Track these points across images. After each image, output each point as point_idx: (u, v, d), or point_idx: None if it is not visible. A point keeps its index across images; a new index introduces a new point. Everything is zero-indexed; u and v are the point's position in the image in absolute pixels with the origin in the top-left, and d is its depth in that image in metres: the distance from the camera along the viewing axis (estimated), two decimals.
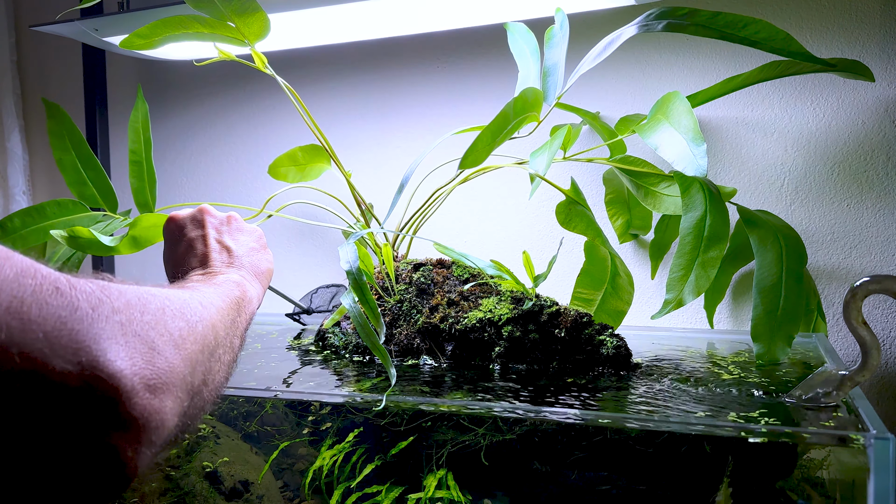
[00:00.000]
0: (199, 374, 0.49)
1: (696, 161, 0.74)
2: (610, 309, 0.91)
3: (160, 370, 0.43)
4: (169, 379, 0.44)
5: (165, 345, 0.45)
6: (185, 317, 0.50)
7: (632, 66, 1.11)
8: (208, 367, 0.52)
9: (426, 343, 0.88)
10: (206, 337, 0.52)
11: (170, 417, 0.43)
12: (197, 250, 0.74)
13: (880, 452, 0.53)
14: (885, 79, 0.99)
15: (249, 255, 0.77)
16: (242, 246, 0.77)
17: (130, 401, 0.40)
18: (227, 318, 0.59)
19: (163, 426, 0.42)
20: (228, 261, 0.74)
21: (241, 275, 0.72)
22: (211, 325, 0.54)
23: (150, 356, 0.43)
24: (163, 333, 0.46)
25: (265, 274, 0.78)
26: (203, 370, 0.50)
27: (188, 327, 0.49)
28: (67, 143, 1.12)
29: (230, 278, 0.69)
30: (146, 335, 0.44)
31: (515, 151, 1.01)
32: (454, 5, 1.05)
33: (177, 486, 0.92)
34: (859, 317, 0.61)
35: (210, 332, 0.53)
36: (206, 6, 0.88)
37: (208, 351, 0.52)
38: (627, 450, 0.75)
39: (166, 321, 0.47)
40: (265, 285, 0.77)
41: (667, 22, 0.77)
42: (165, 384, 0.43)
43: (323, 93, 1.31)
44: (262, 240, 0.82)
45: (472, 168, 0.86)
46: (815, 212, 1.04)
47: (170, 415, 0.43)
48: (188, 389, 0.47)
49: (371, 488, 0.83)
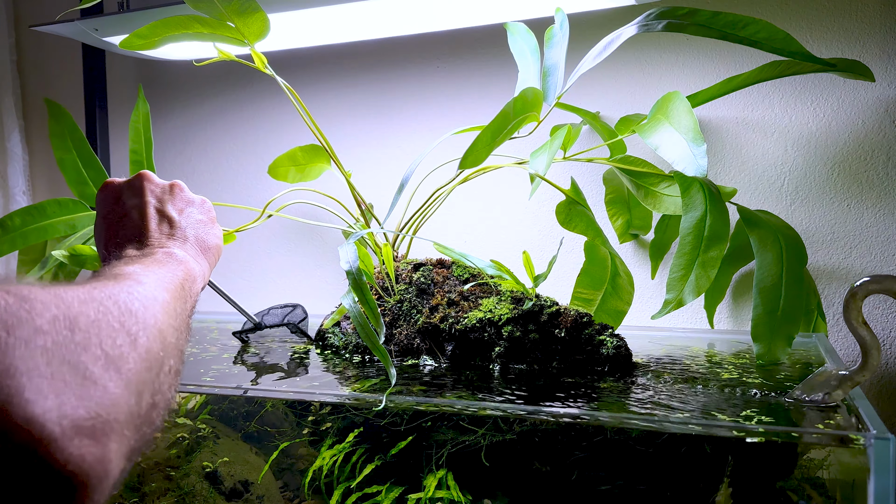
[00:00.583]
0: (147, 398, 0.40)
1: (696, 161, 0.74)
2: (610, 309, 0.91)
3: (98, 406, 0.34)
4: (110, 415, 0.35)
5: (103, 370, 0.36)
6: (126, 327, 0.40)
7: (632, 66, 1.11)
8: (156, 385, 0.42)
9: (426, 343, 0.88)
10: (151, 349, 0.42)
11: (115, 463, 0.35)
12: (133, 221, 0.66)
13: (880, 452, 0.53)
14: (885, 79, 0.99)
15: (195, 227, 0.69)
16: (187, 217, 0.70)
17: (61, 453, 0.31)
18: (173, 313, 0.49)
19: (107, 476, 0.34)
20: (169, 232, 0.66)
21: (185, 249, 0.64)
22: (158, 332, 0.44)
23: (84, 389, 0.34)
24: (99, 356, 0.36)
25: (213, 250, 0.70)
26: (151, 391, 0.41)
27: (130, 341, 0.40)
28: (69, 143, 1.12)
29: (171, 254, 0.61)
30: (77, 361, 0.34)
31: (515, 151, 1.01)
32: (454, 5, 1.05)
33: (177, 486, 0.92)
34: (859, 317, 0.61)
35: (156, 340, 0.43)
36: (206, 6, 0.88)
37: (156, 366, 0.42)
38: (627, 450, 0.75)
39: (102, 338, 0.37)
40: (212, 263, 0.70)
41: (667, 22, 0.77)
42: (106, 423, 0.34)
43: (323, 93, 1.31)
44: (210, 212, 0.74)
45: (472, 168, 0.86)
46: (815, 212, 1.04)
47: (115, 460, 0.35)
48: (135, 421, 0.38)
49: (371, 488, 0.83)
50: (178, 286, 0.55)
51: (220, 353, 0.98)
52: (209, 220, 0.72)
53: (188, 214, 0.70)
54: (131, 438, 0.37)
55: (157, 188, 0.70)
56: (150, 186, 0.69)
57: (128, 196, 0.68)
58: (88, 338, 0.36)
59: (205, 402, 0.99)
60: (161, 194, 0.70)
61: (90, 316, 0.38)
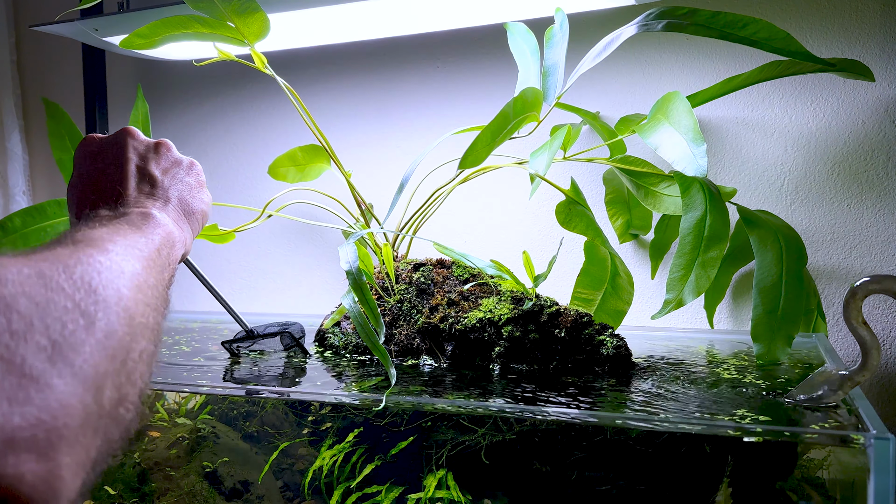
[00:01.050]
0: (111, 392, 0.33)
1: (696, 161, 0.74)
2: (610, 309, 0.91)
3: (41, 410, 0.28)
4: (58, 420, 0.29)
5: (48, 363, 0.29)
6: (82, 307, 0.33)
7: (632, 66, 1.11)
8: (123, 375, 0.35)
9: (426, 343, 0.88)
10: (114, 332, 0.35)
11: (69, 479, 0.29)
12: (110, 178, 0.60)
13: (880, 452, 0.53)
14: (885, 79, 0.99)
15: (179, 188, 0.63)
16: (172, 177, 0.63)
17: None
18: (145, 286, 0.41)
19: (58, 496, 0.28)
20: (150, 192, 0.60)
21: (166, 212, 0.58)
22: (123, 311, 0.36)
23: (22, 390, 0.27)
24: (43, 346, 0.30)
25: (197, 215, 0.64)
26: (115, 383, 0.34)
27: (86, 325, 0.33)
28: (67, 143, 1.12)
29: (149, 214, 0.54)
30: (13, 355, 0.28)
31: (515, 151, 1.01)
32: (454, 5, 1.05)
33: (177, 486, 0.92)
34: (859, 317, 0.61)
35: (122, 321, 0.36)
36: (206, 6, 0.88)
37: (121, 352, 0.35)
38: (627, 450, 0.75)
39: (49, 323, 0.31)
40: (196, 230, 0.64)
41: (667, 22, 0.77)
42: (53, 430, 0.28)
43: (323, 93, 1.31)
44: (199, 175, 0.68)
45: (471, 168, 0.86)
46: (815, 212, 1.04)
47: (69, 475, 0.29)
48: (95, 422, 0.32)
49: (371, 488, 0.83)
50: (154, 253, 0.48)
51: (220, 355, 0.98)
52: (197, 184, 0.66)
53: (173, 175, 0.64)
54: (91, 444, 0.31)
55: (140, 145, 0.64)
56: (133, 143, 0.64)
57: (108, 152, 0.62)
58: (30, 324, 0.29)
59: (205, 402, 0.99)
60: (145, 152, 0.64)
61: (34, 296, 0.31)
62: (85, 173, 0.62)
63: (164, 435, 0.97)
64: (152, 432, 0.98)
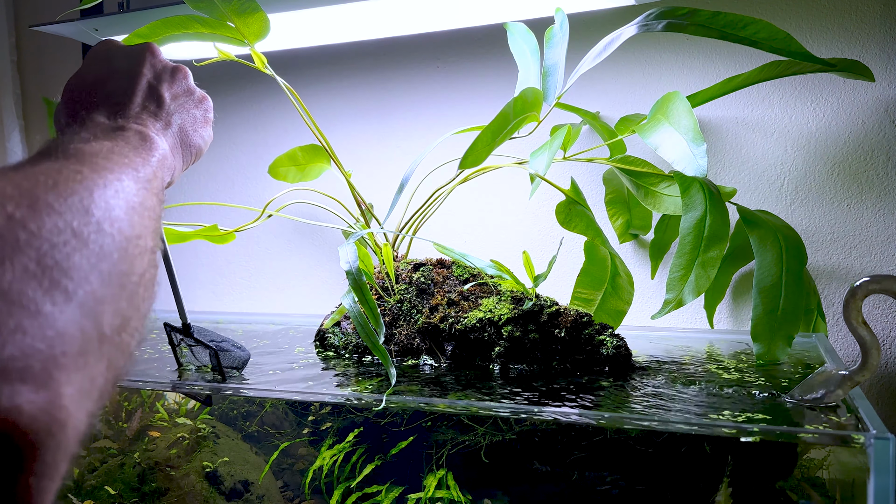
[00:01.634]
0: (111, 318, 0.32)
1: (696, 161, 0.74)
2: (610, 309, 0.91)
3: (37, 338, 0.27)
4: (56, 349, 0.27)
5: (42, 291, 0.28)
6: (77, 229, 0.31)
7: (632, 66, 1.11)
8: (124, 300, 0.34)
9: (426, 343, 0.88)
10: (109, 256, 0.33)
11: (73, 407, 0.28)
12: (117, 85, 0.57)
13: (880, 452, 0.53)
14: (885, 79, 0.99)
15: (184, 116, 0.61)
16: (179, 105, 0.61)
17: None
18: (141, 209, 0.39)
19: (62, 427, 0.27)
20: (154, 111, 0.57)
21: (165, 137, 0.56)
22: (119, 233, 0.35)
23: (14, 319, 0.26)
24: (34, 272, 0.28)
25: (193, 149, 0.62)
26: (115, 309, 0.33)
27: (79, 247, 0.31)
28: None
29: (148, 136, 0.51)
30: (2, 283, 0.26)
31: (515, 151, 1.01)
32: (454, 5, 1.05)
33: (177, 486, 0.92)
34: (859, 317, 0.61)
35: (118, 244, 0.34)
36: (206, 6, 0.88)
37: (120, 277, 0.34)
38: (627, 450, 0.75)
39: (41, 247, 0.29)
40: (186, 164, 0.61)
41: (667, 22, 0.77)
42: (50, 359, 0.27)
43: (323, 93, 1.31)
44: (208, 112, 0.66)
45: (472, 168, 0.86)
46: (815, 212, 1.04)
47: (71, 403, 0.28)
48: (97, 349, 0.30)
49: (371, 488, 0.83)
50: (151, 176, 0.45)
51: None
52: (203, 119, 0.64)
53: (182, 103, 0.61)
54: (95, 372, 0.30)
55: (158, 63, 0.61)
56: (151, 59, 0.61)
57: (122, 59, 0.60)
58: (16, 248, 0.28)
59: None
60: (161, 71, 0.61)
61: (19, 217, 0.29)
62: (91, 74, 0.59)
63: (164, 435, 0.97)
64: (152, 432, 0.98)
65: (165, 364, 0.90)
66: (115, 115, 0.54)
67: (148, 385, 0.84)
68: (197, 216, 1.34)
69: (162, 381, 0.82)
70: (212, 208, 1.36)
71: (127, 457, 0.96)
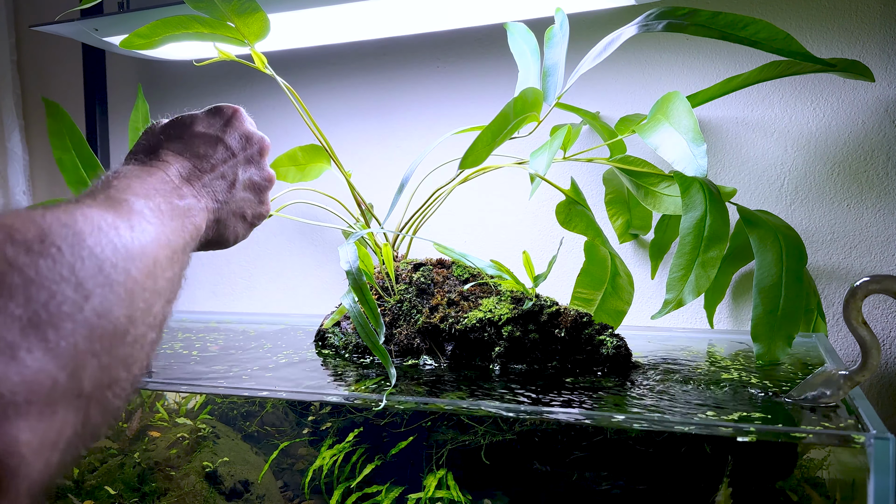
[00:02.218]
0: (93, 372, 0.31)
1: (696, 161, 0.74)
2: (610, 309, 0.91)
3: (3, 383, 0.26)
4: (19, 396, 0.27)
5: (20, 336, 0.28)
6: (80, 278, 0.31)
7: (632, 66, 1.11)
8: (115, 360, 0.33)
9: (426, 343, 0.88)
10: (110, 313, 0.32)
11: (30, 456, 0.27)
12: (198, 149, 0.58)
13: (880, 452, 0.53)
14: (885, 79, 0.99)
15: (240, 203, 0.62)
16: (243, 191, 0.62)
17: None
18: (161, 275, 0.40)
19: (14, 474, 0.26)
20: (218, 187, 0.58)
21: (214, 213, 0.57)
22: (126, 293, 0.34)
23: None
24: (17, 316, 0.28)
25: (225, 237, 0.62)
26: (103, 365, 0.32)
27: (78, 300, 0.31)
28: (67, 143, 1.12)
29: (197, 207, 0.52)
30: None
31: (515, 151, 1.01)
32: (454, 5, 1.05)
33: (177, 486, 0.92)
34: (859, 317, 0.61)
35: (122, 304, 0.34)
36: (206, 6, 0.88)
37: (113, 335, 0.33)
38: (627, 450, 0.75)
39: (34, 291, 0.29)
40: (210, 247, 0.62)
41: (667, 22, 0.77)
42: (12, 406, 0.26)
43: (323, 93, 1.31)
44: (262, 207, 0.67)
45: (472, 168, 0.86)
46: (815, 212, 1.04)
47: (29, 452, 0.27)
48: (69, 402, 0.30)
49: (371, 488, 0.83)
50: (181, 247, 0.46)
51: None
52: (252, 214, 0.65)
53: (245, 189, 0.63)
54: (64, 423, 0.29)
55: (254, 146, 0.64)
56: (249, 149, 0.64)
57: (220, 127, 0.62)
58: (10, 292, 0.28)
59: (205, 402, 0.99)
60: (253, 155, 0.64)
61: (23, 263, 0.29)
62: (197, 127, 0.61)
63: (164, 435, 0.97)
64: (152, 432, 0.98)
65: (165, 364, 0.90)
66: (184, 177, 0.55)
67: (148, 385, 0.84)
68: None
69: (162, 381, 0.82)
70: None
71: (127, 457, 0.96)
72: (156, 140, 0.59)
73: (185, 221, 0.50)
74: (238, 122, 0.65)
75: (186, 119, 0.62)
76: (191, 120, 0.62)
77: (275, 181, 0.68)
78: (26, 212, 0.32)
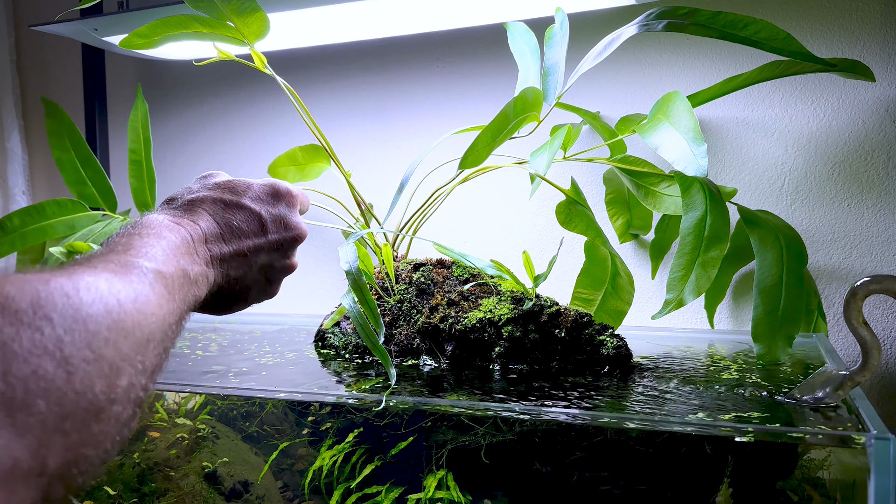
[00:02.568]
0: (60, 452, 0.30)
1: (696, 161, 0.74)
2: (610, 309, 0.91)
3: None
4: None
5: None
6: (63, 352, 0.30)
7: (632, 66, 1.11)
8: (85, 438, 0.31)
9: (426, 343, 0.88)
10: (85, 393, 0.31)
11: None
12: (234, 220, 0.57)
13: (881, 453, 0.53)
14: (886, 79, 0.99)
15: (255, 282, 0.61)
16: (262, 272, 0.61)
17: None
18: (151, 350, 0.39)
19: None
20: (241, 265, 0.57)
21: (229, 286, 0.57)
22: (110, 370, 0.33)
23: None
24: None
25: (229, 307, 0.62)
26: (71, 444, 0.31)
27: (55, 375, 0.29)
28: (67, 143, 1.12)
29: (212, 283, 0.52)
30: None
31: (515, 151, 1.01)
32: (454, 5, 1.05)
33: (177, 486, 0.92)
34: (860, 317, 0.61)
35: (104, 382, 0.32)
36: (206, 6, 0.88)
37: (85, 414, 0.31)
38: (627, 450, 0.75)
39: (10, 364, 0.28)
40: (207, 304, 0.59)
41: (667, 22, 0.77)
42: None
43: (323, 93, 1.31)
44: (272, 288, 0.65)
45: (472, 168, 0.85)
46: (815, 212, 1.04)
47: None
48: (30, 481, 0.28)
49: (371, 488, 0.83)
50: (177, 320, 0.46)
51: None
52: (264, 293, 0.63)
53: (267, 270, 0.61)
54: (24, 497, 0.28)
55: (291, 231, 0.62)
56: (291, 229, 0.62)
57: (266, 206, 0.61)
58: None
59: (205, 402, 0.99)
60: (288, 240, 0.62)
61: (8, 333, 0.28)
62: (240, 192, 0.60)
63: (164, 435, 0.97)
64: (152, 432, 0.98)
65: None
66: (206, 239, 0.53)
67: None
68: None
69: (161, 381, 0.82)
70: None
71: (126, 457, 0.96)
72: (203, 193, 0.59)
73: (190, 292, 0.48)
74: (288, 204, 0.63)
75: (241, 186, 0.61)
76: (245, 188, 0.61)
77: (295, 269, 0.65)
78: (30, 276, 0.31)
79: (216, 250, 0.55)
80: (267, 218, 0.60)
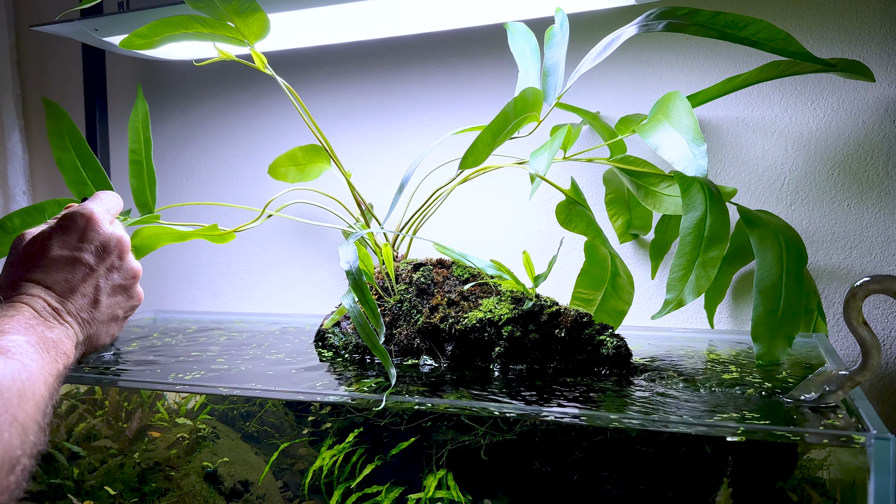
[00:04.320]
0: None
1: (696, 161, 0.74)
2: (610, 309, 0.91)
3: None
4: None
5: None
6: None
7: (632, 66, 1.11)
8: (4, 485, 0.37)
9: (426, 343, 0.88)
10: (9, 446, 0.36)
11: None
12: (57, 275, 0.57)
13: (880, 452, 0.53)
14: (886, 79, 0.99)
15: (105, 324, 0.61)
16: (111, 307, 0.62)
17: None
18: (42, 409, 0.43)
19: None
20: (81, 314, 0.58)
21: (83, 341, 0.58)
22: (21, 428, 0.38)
23: None
24: None
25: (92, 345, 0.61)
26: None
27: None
28: (67, 143, 1.12)
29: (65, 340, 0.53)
30: None
31: (515, 151, 1.01)
32: (454, 5, 1.05)
33: (177, 486, 0.92)
34: (860, 317, 0.61)
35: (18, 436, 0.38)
36: (206, 6, 0.88)
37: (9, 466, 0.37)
38: (627, 450, 0.75)
39: None
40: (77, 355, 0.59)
41: (667, 22, 0.77)
42: None
43: (323, 93, 1.31)
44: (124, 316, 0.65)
45: (472, 168, 0.86)
46: (815, 212, 1.04)
47: None
48: None
49: (371, 488, 0.83)
50: (56, 378, 0.49)
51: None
52: (122, 317, 0.64)
53: (115, 303, 0.63)
54: None
55: (111, 255, 0.62)
56: (110, 252, 0.62)
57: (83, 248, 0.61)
58: None
59: (204, 402, 0.99)
60: (116, 265, 0.63)
61: None
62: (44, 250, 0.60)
63: (164, 435, 0.97)
64: (152, 432, 0.98)
65: (164, 364, 0.90)
66: (50, 308, 0.55)
67: (147, 385, 0.84)
68: (197, 216, 1.34)
69: (161, 381, 0.82)
70: (212, 208, 1.36)
71: (127, 457, 0.96)
72: (15, 272, 0.59)
73: (57, 352, 0.52)
74: (93, 231, 0.62)
75: (40, 239, 0.61)
76: (46, 241, 0.60)
77: (140, 275, 0.66)
78: None
79: (62, 309, 0.57)
80: (83, 255, 0.61)
